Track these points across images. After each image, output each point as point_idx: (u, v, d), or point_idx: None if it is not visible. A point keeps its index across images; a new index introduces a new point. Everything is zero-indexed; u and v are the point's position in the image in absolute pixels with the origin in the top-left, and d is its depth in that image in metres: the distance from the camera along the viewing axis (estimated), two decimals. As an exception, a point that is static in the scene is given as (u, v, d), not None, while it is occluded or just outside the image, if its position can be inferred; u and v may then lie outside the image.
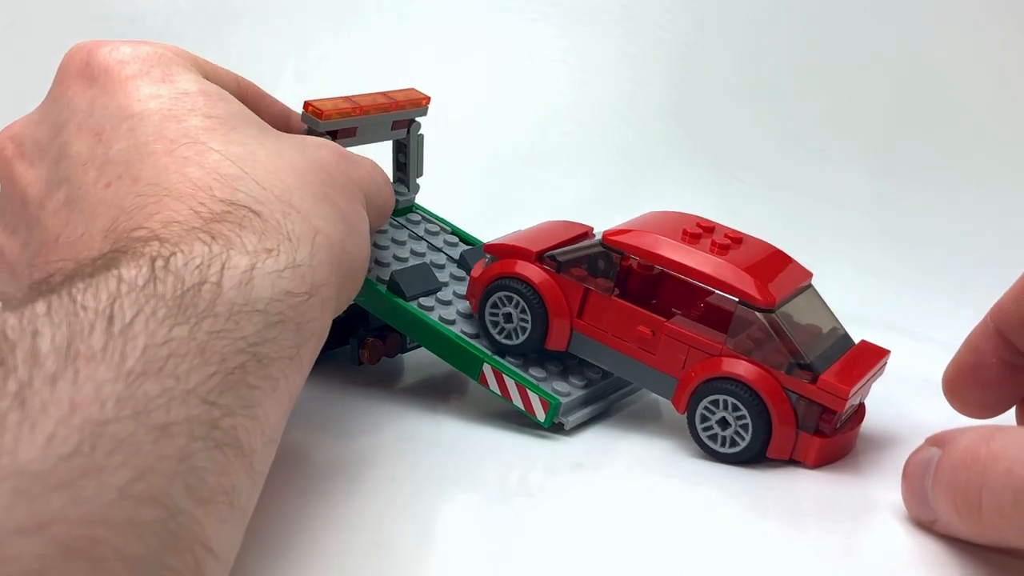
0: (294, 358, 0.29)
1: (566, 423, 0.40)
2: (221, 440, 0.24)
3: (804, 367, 0.37)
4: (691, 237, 0.39)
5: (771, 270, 0.39)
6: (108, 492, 0.20)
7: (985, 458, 0.28)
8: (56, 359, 0.21)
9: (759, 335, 0.38)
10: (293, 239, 0.31)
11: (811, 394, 0.37)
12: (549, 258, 0.41)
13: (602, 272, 0.40)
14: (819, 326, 0.40)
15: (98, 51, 0.36)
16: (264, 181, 0.33)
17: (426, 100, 0.46)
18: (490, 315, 0.42)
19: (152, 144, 0.33)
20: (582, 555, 0.31)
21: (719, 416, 0.38)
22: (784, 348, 0.37)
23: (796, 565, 0.31)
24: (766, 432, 0.37)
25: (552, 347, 0.41)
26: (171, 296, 0.25)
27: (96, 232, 0.31)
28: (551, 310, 0.41)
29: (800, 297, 0.40)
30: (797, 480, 0.37)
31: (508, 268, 0.41)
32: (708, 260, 0.38)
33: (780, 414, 0.37)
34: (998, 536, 0.29)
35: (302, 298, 0.30)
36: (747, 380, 0.37)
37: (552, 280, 0.41)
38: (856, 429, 0.39)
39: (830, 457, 0.38)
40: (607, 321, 0.40)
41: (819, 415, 0.37)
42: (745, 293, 0.37)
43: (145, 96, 0.35)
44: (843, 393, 0.36)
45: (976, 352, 0.38)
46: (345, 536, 0.31)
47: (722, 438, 0.38)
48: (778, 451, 0.37)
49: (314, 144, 0.37)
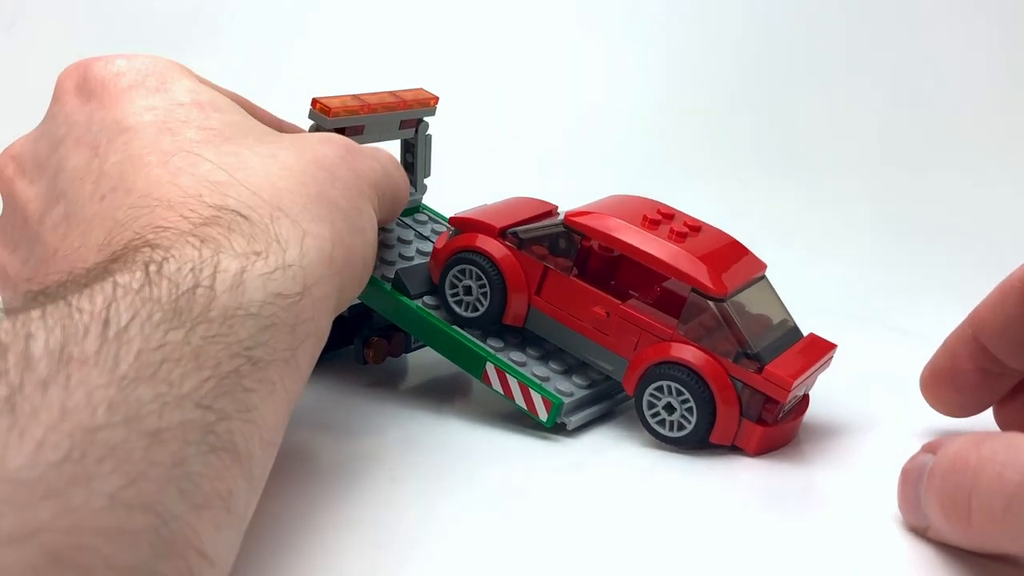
0: (289, 360, 0.29)
1: (568, 423, 0.40)
2: (216, 444, 0.24)
3: (751, 356, 0.38)
4: (650, 223, 0.40)
5: (726, 260, 0.40)
6: (98, 499, 0.20)
7: (975, 464, 0.28)
8: (49, 363, 0.21)
9: (710, 323, 0.39)
10: (281, 241, 0.31)
11: (756, 383, 0.38)
12: (512, 234, 0.42)
13: (563, 251, 0.41)
14: (769, 317, 0.41)
15: (94, 66, 0.37)
16: (254, 186, 0.33)
17: (435, 100, 0.46)
18: (450, 287, 0.42)
19: (146, 156, 0.33)
20: (583, 555, 0.31)
21: (665, 401, 0.39)
22: (732, 337, 0.38)
23: (796, 564, 0.32)
24: (710, 417, 0.38)
25: (509, 322, 0.42)
26: (166, 300, 0.25)
27: (91, 245, 0.32)
28: (510, 286, 0.42)
29: (753, 288, 0.41)
30: (805, 481, 0.37)
31: (470, 242, 0.42)
32: (664, 247, 0.39)
33: (725, 401, 0.38)
34: (988, 542, 0.29)
35: (294, 299, 0.29)
36: (694, 366, 0.38)
37: (513, 256, 0.42)
38: (798, 420, 0.40)
39: (771, 445, 0.39)
40: (564, 300, 0.41)
41: (762, 404, 0.38)
42: (698, 281, 0.38)
43: (140, 108, 0.35)
44: (787, 384, 0.37)
45: (953, 357, 0.39)
46: (345, 536, 0.31)
47: (668, 422, 0.39)
48: (721, 437, 0.38)
49: (316, 141, 0.37)
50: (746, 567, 0.31)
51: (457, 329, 0.42)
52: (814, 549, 0.33)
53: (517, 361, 0.41)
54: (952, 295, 0.45)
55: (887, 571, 0.31)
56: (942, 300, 0.49)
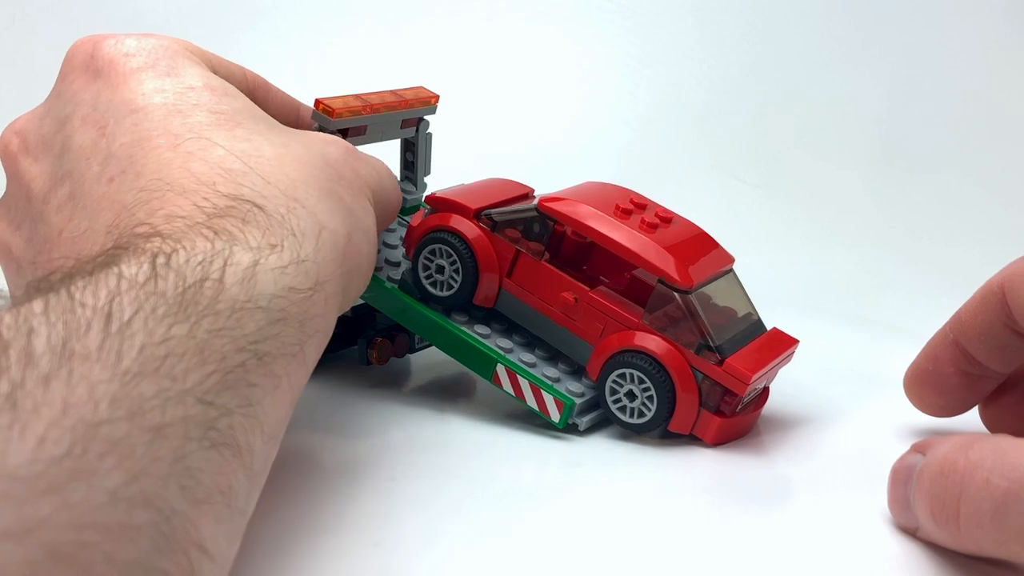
0: (297, 355, 0.28)
1: (580, 424, 0.40)
2: (217, 440, 0.24)
3: (712, 348, 0.39)
4: (622, 212, 0.41)
5: (694, 252, 0.40)
6: (99, 495, 0.20)
7: (963, 468, 0.29)
8: (51, 359, 0.21)
9: (675, 313, 0.39)
10: (298, 234, 0.30)
11: (716, 375, 0.38)
12: (486, 216, 0.42)
13: (537, 235, 0.42)
14: (735, 310, 0.42)
15: (103, 44, 0.36)
16: (269, 176, 0.32)
17: (435, 99, 0.46)
18: (423, 265, 0.43)
19: (156, 139, 0.33)
20: (583, 556, 0.32)
21: (627, 388, 0.39)
22: (696, 328, 0.39)
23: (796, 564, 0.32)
24: (670, 406, 0.39)
25: (479, 303, 0.43)
26: (172, 294, 0.24)
27: (99, 228, 0.31)
28: (482, 267, 0.42)
29: (720, 281, 0.41)
30: (818, 481, 0.38)
31: (444, 221, 0.42)
32: (633, 237, 0.39)
33: (685, 391, 0.39)
34: (975, 545, 0.29)
35: (306, 294, 0.29)
36: (656, 355, 0.39)
37: (486, 238, 0.42)
38: (757, 412, 0.41)
39: (728, 436, 0.40)
40: (534, 284, 0.42)
41: (721, 396, 0.39)
42: (664, 272, 0.39)
43: (150, 90, 0.35)
44: (745, 378, 0.38)
45: (934, 360, 0.40)
46: (345, 535, 0.31)
47: (629, 408, 0.40)
48: (679, 426, 0.39)
49: (321, 140, 0.37)
50: (748, 568, 0.32)
51: (467, 331, 0.42)
52: (812, 549, 0.33)
53: (527, 362, 0.41)
54: (949, 294, 0.45)
55: (876, 569, 0.32)
56: (938, 298, 0.49)
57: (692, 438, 0.40)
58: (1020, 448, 0.28)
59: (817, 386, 0.47)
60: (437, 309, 0.42)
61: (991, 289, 0.37)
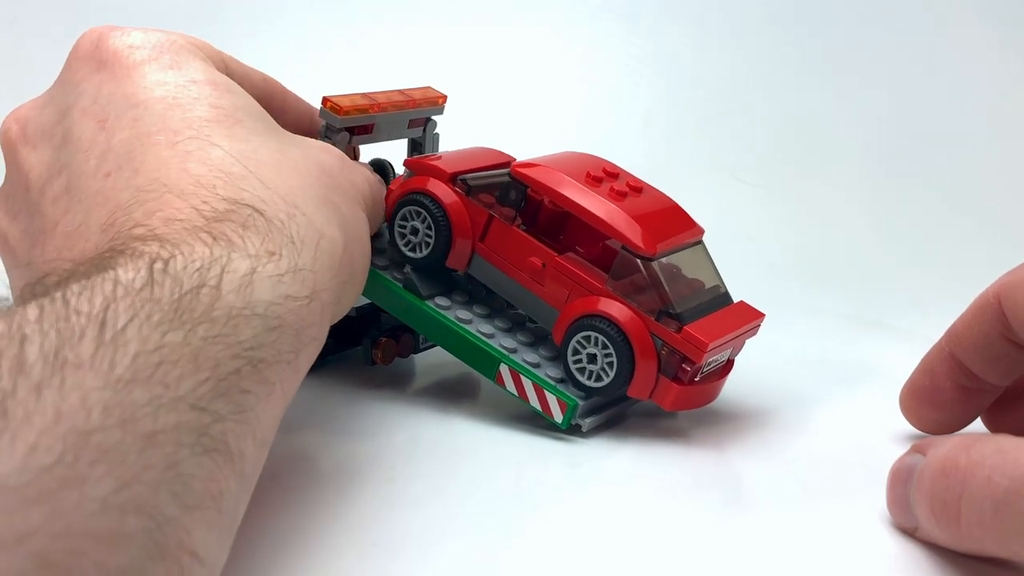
0: (292, 362, 0.28)
1: (584, 425, 0.40)
2: (210, 446, 0.24)
3: (672, 316, 0.39)
4: (593, 180, 0.41)
5: (662, 222, 0.41)
6: (90, 503, 0.19)
7: (964, 468, 0.29)
8: (43, 367, 0.21)
9: (639, 280, 0.40)
10: (296, 242, 0.30)
11: (674, 342, 0.39)
12: (462, 181, 0.43)
13: (511, 201, 0.42)
14: (701, 281, 0.42)
15: (109, 36, 0.36)
16: (269, 180, 0.32)
17: (443, 99, 0.47)
18: (399, 227, 0.44)
19: (155, 135, 0.33)
20: (583, 556, 0.32)
21: (589, 351, 0.40)
22: (657, 295, 0.39)
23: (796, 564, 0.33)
24: (629, 371, 0.39)
25: (452, 266, 0.43)
26: (167, 300, 0.24)
27: (93, 225, 0.31)
28: (456, 230, 0.43)
29: (687, 251, 0.42)
30: (817, 482, 0.38)
31: (421, 184, 0.43)
32: (602, 204, 0.40)
33: (643, 356, 0.39)
34: (976, 545, 0.30)
35: (303, 302, 0.29)
36: (617, 320, 0.39)
37: (460, 202, 0.43)
38: (720, 381, 0.42)
39: (687, 404, 0.40)
40: (505, 248, 0.42)
41: (679, 363, 0.39)
42: (628, 239, 0.39)
43: (151, 84, 0.35)
44: (703, 345, 0.38)
45: (931, 375, 0.40)
46: (345, 535, 0.32)
47: (589, 371, 0.40)
48: (638, 391, 0.40)
49: (317, 147, 0.37)
50: (748, 568, 0.32)
51: (471, 330, 0.42)
52: (812, 549, 0.33)
53: (531, 362, 0.41)
54: (949, 295, 0.45)
55: (875, 569, 0.32)
56: (938, 299, 0.49)
57: (697, 437, 0.40)
58: (1021, 447, 0.28)
59: (816, 386, 0.47)
60: (435, 306, 0.42)
61: (987, 300, 0.37)
